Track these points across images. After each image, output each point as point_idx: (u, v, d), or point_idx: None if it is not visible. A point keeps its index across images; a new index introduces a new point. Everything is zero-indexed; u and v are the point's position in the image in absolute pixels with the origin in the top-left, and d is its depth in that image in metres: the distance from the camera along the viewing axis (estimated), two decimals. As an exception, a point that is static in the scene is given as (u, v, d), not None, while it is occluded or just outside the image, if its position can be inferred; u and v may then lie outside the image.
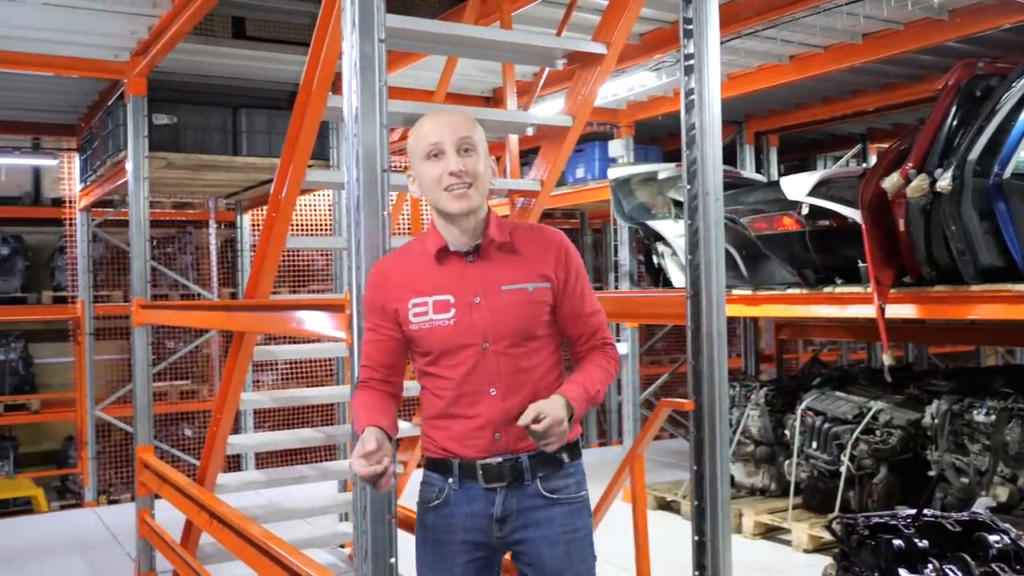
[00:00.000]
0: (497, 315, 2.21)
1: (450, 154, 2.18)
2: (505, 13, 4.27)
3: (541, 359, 2.26)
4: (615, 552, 5.08)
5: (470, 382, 2.22)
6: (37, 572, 5.80)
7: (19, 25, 5.00)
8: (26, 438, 9.61)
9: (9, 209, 9.43)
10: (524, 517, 2.26)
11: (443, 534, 2.29)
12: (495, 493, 2.25)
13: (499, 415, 2.22)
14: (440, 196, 2.19)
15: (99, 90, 6.65)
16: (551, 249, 2.28)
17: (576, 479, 2.33)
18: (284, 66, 6.07)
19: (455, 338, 2.21)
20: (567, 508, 2.29)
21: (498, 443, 2.23)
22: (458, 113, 2.29)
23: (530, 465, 2.25)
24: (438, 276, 2.24)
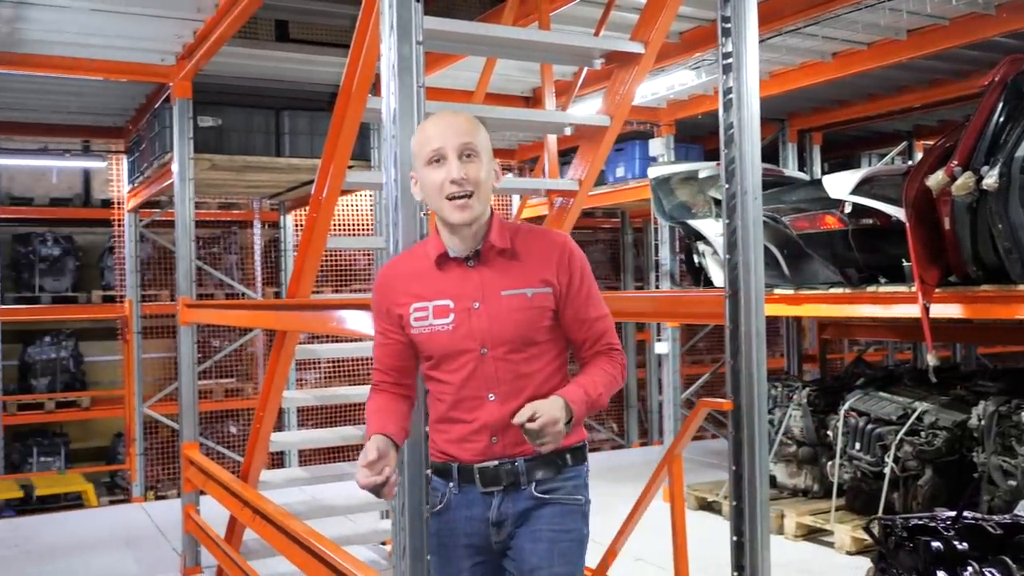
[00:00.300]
0: (496, 321, 2.19)
1: (452, 160, 2.14)
2: (543, 13, 4.28)
3: (541, 365, 2.23)
4: (654, 551, 5.09)
5: (469, 387, 2.21)
6: (87, 565, 5.92)
7: (69, 30, 5.12)
8: (76, 434, 9.82)
9: (60, 210, 9.65)
10: (518, 519, 2.25)
11: (447, 539, 2.30)
12: (492, 497, 2.24)
13: (496, 420, 2.20)
14: (442, 204, 2.17)
15: (146, 93, 6.78)
16: (553, 253, 2.24)
17: (575, 483, 2.29)
18: (326, 68, 6.14)
19: (454, 343, 2.20)
20: (557, 508, 2.25)
21: (495, 447, 2.22)
22: (462, 115, 2.23)
23: (526, 469, 2.23)
24: (439, 281, 2.23)
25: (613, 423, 11.15)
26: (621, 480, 7.89)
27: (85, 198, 9.81)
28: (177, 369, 5.96)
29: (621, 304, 4.45)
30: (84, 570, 5.81)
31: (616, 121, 3.67)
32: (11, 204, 9.45)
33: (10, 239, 9.51)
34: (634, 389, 10.98)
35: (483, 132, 2.23)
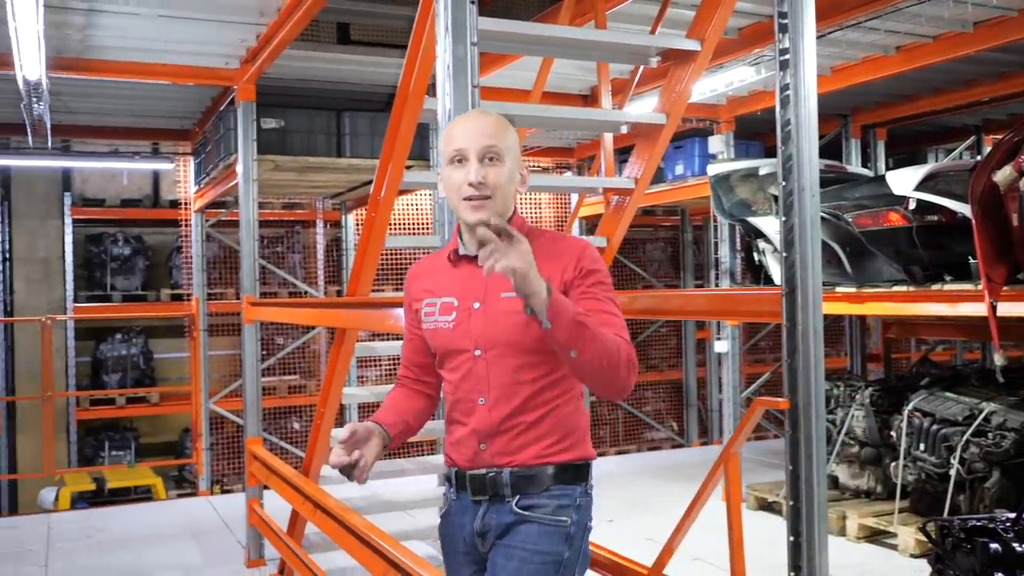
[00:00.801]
0: (491, 322, 2.14)
1: (472, 162, 2.11)
2: (600, 12, 4.28)
3: (535, 375, 2.13)
4: (712, 551, 5.06)
5: (463, 388, 2.18)
6: (156, 556, 6.09)
7: (137, 36, 5.27)
8: (146, 429, 10.07)
9: (130, 211, 9.91)
10: (500, 532, 2.18)
11: (449, 544, 2.29)
12: (479, 506, 2.20)
13: (485, 426, 2.15)
14: (459, 204, 2.14)
15: (212, 96, 6.94)
16: (564, 257, 2.14)
17: (560, 503, 2.16)
18: (386, 69, 6.22)
19: (452, 342, 2.18)
20: (535, 527, 2.14)
21: (482, 454, 2.17)
22: (490, 117, 2.19)
23: (511, 481, 2.15)
24: (450, 278, 2.22)
25: (673, 422, 11.08)
26: (679, 479, 7.86)
27: (154, 199, 10.06)
28: (242, 366, 6.09)
29: (680, 302, 4.43)
30: (154, 560, 5.97)
31: (672, 119, 3.66)
32: (84, 205, 9.72)
33: (83, 239, 9.79)
34: (694, 388, 10.91)
35: (510, 134, 2.19)
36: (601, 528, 5.95)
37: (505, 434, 2.14)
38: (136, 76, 5.80)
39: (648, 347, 11.11)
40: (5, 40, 4.84)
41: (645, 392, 10.99)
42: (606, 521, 6.58)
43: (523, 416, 2.13)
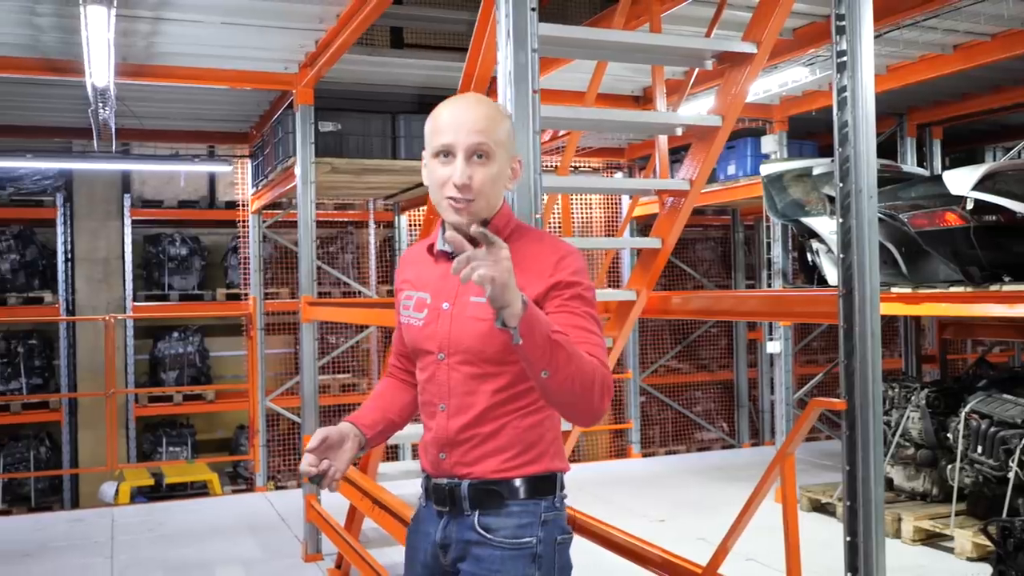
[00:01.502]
0: (457, 326, 2.02)
1: (459, 161, 1.96)
2: (655, 15, 4.31)
3: (495, 387, 2.00)
4: (766, 552, 5.06)
5: (427, 392, 2.09)
6: (216, 549, 6.23)
7: (200, 43, 5.41)
8: (202, 426, 10.27)
9: (187, 212, 10.11)
10: (461, 549, 2.07)
11: (411, 551, 2.21)
12: (441, 517, 2.11)
13: (443, 434, 2.05)
14: (441, 201, 2.03)
15: (270, 100, 7.08)
16: (540, 264, 1.99)
17: (520, 521, 2.04)
18: (440, 72, 6.30)
19: (420, 340, 2.09)
20: (498, 552, 2.02)
21: (443, 463, 2.07)
22: (481, 107, 2.02)
23: (469, 495, 2.04)
24: (428, 273, 2.13)
25: (723, 423, 11.04)
26: (731, 480, 7.84)
27: (210, 200, 10.26)
28: (297, 364, 6.21)
29: (733, 303, 4.45)
30: (213, 553, 6.11)
31: (728, 121, 3.67)
32: (143, 207, 9.94)
33: (142, 240, 10.00)
34: (745, 389, 10.86)
35: (503, 126, 2.03)
36: (652, 527, 6.01)
37: (463, 444, 2.03)
38: (198, 81, 5.95)
39: (698, 347, 11.07)
40: (76, 48, 5.01)
41: (695, 392, 10.96)
42: (657, 521, 6.60)
43: (480, 427, 2.02)
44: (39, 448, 9.38)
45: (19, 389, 9.36)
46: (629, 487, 7.93)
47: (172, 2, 4.71)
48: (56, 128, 8.10)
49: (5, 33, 5.10)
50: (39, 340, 9.60)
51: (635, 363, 9.91)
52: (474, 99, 2.07)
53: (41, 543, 6.43)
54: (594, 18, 5.32)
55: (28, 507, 8.92)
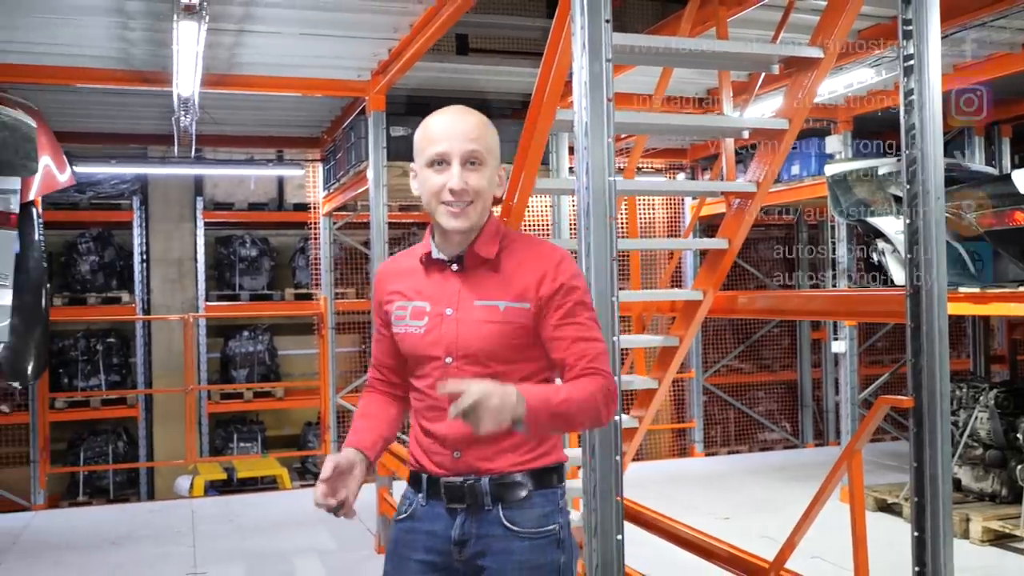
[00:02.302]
0: (465, 329, 2.10)
1: (455, 167, 2.06)
2: (721, 20, 4.39)
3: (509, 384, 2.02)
4: (831, 550, 5.10)
5: (433, 396, 2.11)
6: (290, 540, 6.45)
7: (279, 53, 5.62)
8: (271, 423, 10.53)
9: (257, 214, 10.37)
10: (482, 544, 2.12)
11: (404, 550, 2.21)
12: (456, 514, 2.14)
13: (458, 433, 2.08)
14: (437, 208, 2.09)
15: (341, 106, 7.30)
16: (539, 269, 2.10)
17: (543, 511, 2.14)
18: (505, 77, 6.45)
19: (422, 347, 2.14)
20: (528, 543, 2.11)
21: (458, 462, 2.13)
22: (471, 117, 2.12)
23: (490, 489, 2.11)
24: (422, 282, 2.18)
25: (786, 423, 11.01)
26: (794, 479, 7.86)
27: (279, 202, 10.50)
28: (364, 362, 6.38)
29: (798, 302, 4.52)
30: (290, 544, 6.33)
31: (794, 124, 3.75)
32: (215, 209, 10.21)
33: (213, 241, 10.28)
34: (809, 389, 10.82)
35: (492, 135, 2.14)
36: (717, 525, 6.07)
37: (478, 442, 2.07)
38: (276, 89, 6.17)
39: (761, 347, 11.06)
40: (163, 60, 5.26)
41: (757, 392, 10.95)
42: (722, 519, 6.66)
43: None
44: (117, 443, 9.71)
45: (98, 385, 9.70)
46: (692, 485, 7.99)
47: (255, 15, 4.92)
48: (133, 135, 8.41)
49: (99, 47, 5.37)
50: (117, 338, 9.93)
51: (698, 363, 9.95)
52: (463, 110, 2.16)
53: (126, 532, 6.73)
54: (659, 24, 5.40)
55: (107, 499, 9.25)
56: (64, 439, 9.35)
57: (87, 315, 9.60)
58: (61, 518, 7.62)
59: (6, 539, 6.34)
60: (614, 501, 2.82)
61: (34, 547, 6.43)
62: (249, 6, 4.77)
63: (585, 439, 2.89)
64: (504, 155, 6.15)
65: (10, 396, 8.90)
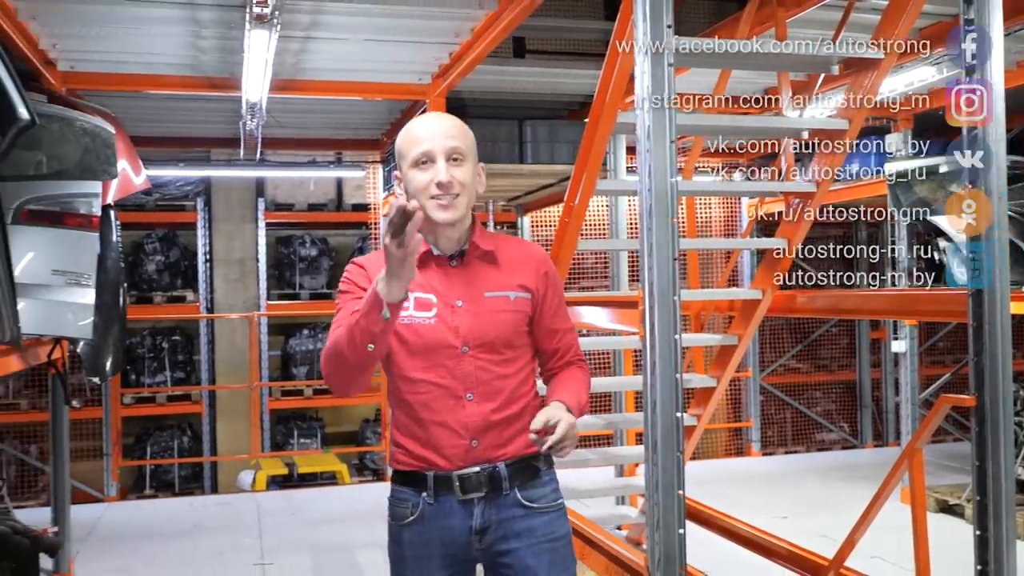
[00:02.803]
0: (479, 319, 2.21)
1: (439, 163, 2.17)
2: (780, 21, 4.41)
3: (515, 369, 2.25)
4: (891, 551, 5.09)
5: (447, 386, 2.20)
6: (352, 532, 6.57)
7: (342, 58, 5.76)
8: (330, 419, 10.70)
9: (316, 215, 10.56)
10: (504, 528, 2.23)
11: (421, 550, 2.24)
12: (472, 505, 2.21)
13: (476, 421, 2.19)
14: (427, 204, 2.17)
15: (401, 109, 7.43)
16: (531, 262, 2.30)
17: (552, 487, 2.31)
18: (563, 79, 6.53)
19: (434, 338, 2.20)
20: (547, 517, 2.26)
21: (475, 451, 2.20)
22: (449, 118, 2.27)
23: (508, 474, 2.22)
24: (420, 275, 2.19)
25: (845, 423, 10.92)
26: (852, 479, 7.82)
27: (338, 203, 10.68)
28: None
29: (858, 301, 4.52)
30: (352, 537, 6.47)
31: (854, 125, 3.77)
32: (275, 210, 10.43)
33: (274, 241, 10.48)
34: (868, 389, 10.71)
35: (470, 136, 2.26)
36: (776, 524, 6.08)
37: (495, 428, 2.19)
38: (339, 93, 6.32)
39: (818, 346, 10.97)
40: (233, 67, 5.44)
41: (815, 392, 10.87)
42: (780, 518, 6.65)
43: (509, 408, 2.21)
44: (182, 438, 9.97)
45: (164, 382, 9.96)
46: (749, 485, 7.98)
47: (322, 23, 5.06)
48: (197, 138, 8.65)
49: (172, 55, 5.57)
50: (182, 336, 10.19)
51: (755, 362, 9.92)
52: (439, 113, 2.35)
53: (195, 523, 6.95)
54: (717, 25, 5.43)
55: (172, 492, 9.51)
56: (132, 434, 9.63)
57: (153, 314, 9.87)
58: (133, 509, 7.89)
59: (82, 529, 6.58)
60: (676, 496, 2.88)
61: (109, 536, 6.67)
62: (316, 14, 4.92)
63: (647, 436, 2.96)
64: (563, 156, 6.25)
65: (80, 392, 9.20)
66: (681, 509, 2.90)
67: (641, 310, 2.97)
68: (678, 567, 2.89)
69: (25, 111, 3.07)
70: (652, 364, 2.93)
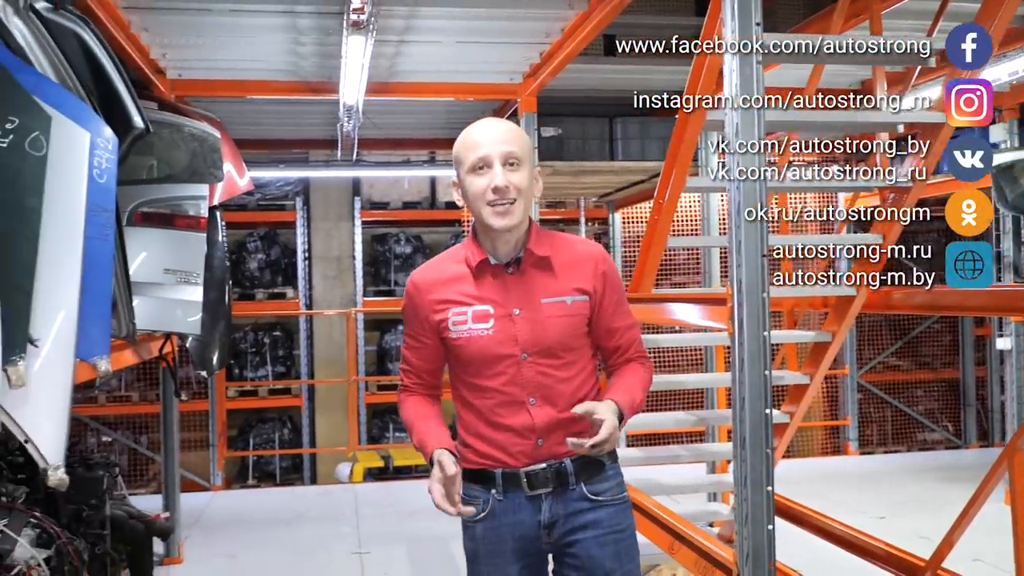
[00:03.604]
0: (536, 326, 2.26)
1: (496, 168, 2.20)
2: (875, 13, 4.33)
3: (576, 371, 2.30)
4: (993, 553, 4.97)
5: (510, 392, 2.26)
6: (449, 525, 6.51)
7: (435, 60, 5.89)
8: (414, 416, 10.92)
9: (411, 213, 10.76)
10: (572, 521, 2.29)
11: (494, 545, 2.31)
12: (540, 500, 2.28)
13: (540, 423, 2.26)
14: (484, 210, 2.22)
15: (493, 108, 7.53)
16: (589, 263, 2.32)
17: (616, 481, 2.35)
18: (653, 76, 6.52)
19: (493, 348, 2.25)
20: (612, 509, 2.32)
21: (540, 449, 2.27)
22: (504, 124, 2.30)
23: (574, 469, 2.28)
24: (477, 287, 2.28)
25: (948, 423, 10.61)
26: (955, 480, 7.59)
27: (431, 201, 10.86)
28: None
29: (958, 298, 4.42)
30: (446, 529, 6.49)
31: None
32: (371, 208, 10.67)
33: (370, 239, 10.72)
34: (972, 388, 10.38)
35: (526, 140, 2.29)
36: (873, 524, 5.99)
37: (560, 427, 2.25)
38: (433, 95, 6.47)
39: (920, 344, 10.68)
40: (330, 71, 5.61)
41: (916, 391, 10.59)
42: (877, 518, 6.53)
43: (571, 409, 2.24)
44: (282, 430, 10.29)
45: (265, 376, 10.30)
46: (846, 484, 7.84)
47: (416, 27, 5.19)
48: (296, 140, 8.92)
49: (272, 61, 5.79)
50: (282, 332, 10.51)
51: (852, 359, 9.73)
52: (495, 119, 2.35)
53: (297, 513, 7.20)
54: (811, 19, 5.35)
55: (273, 482, 9.84)
56: (235, 426, 10.00)
57: (255, 310, 10.21)
58: (237, 498, 8.20)
59: (190, 516, 6.88)
60: (765, 491, 2.90)
61: (215, 524, 6.96)
62: (410, 19, 5.05)
63: (736, 432, 2.98)
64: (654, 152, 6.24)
65: (187, 385, 9.60)
66: (770, 505, 2.91)
67: (730, 307, 2.99)
68: (766, 562, 2.90)
69: (140, 120, 3.25)
70: (741, 361, 2.95)
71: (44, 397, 2.17)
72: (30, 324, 2.10)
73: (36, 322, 2.13)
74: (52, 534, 3.30)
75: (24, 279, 2.10)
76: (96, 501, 3.97)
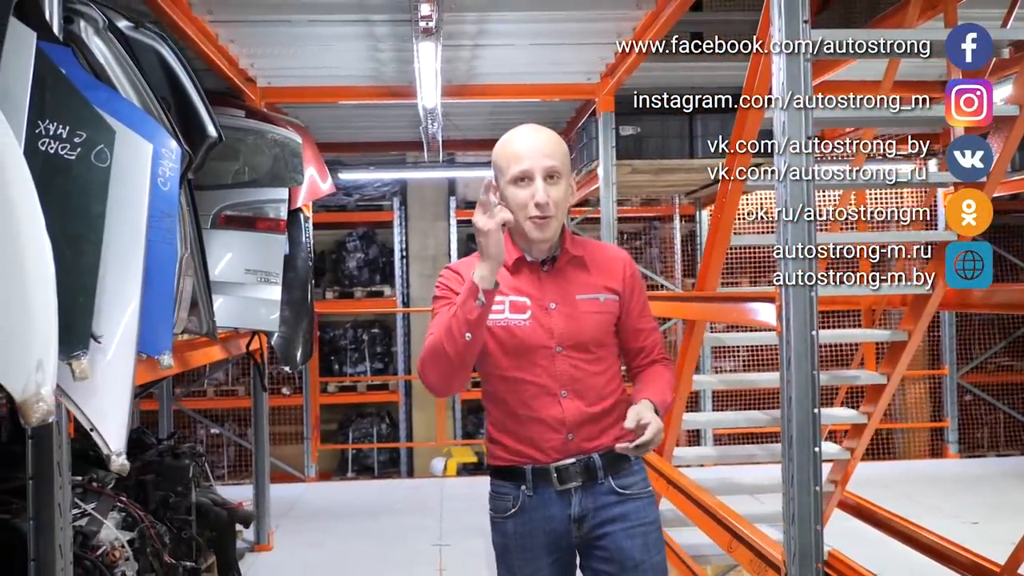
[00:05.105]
0: (572, 321, 2.34)
1: (538, 183, 2.27)
2: (950, 6, 4.22)
3: (605, 367, 2.38)
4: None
5: (542, 384, 2.32)
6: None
7: (511, 63, 6.00)
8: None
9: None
10: (601, 515, 2.36)
11: (525, 540, 2.38)
12: (570, 494, 2.35)
13: (571, 416, 2.32)
14: (524, 222, 2.30)
15: (575, 108, 7.60)
16: (617, 266, 2.43)
17: (642, 475, 2.43)
18: (733, 72, 6.45)
19: (529, 338, 2.33)
20: (639, 503, 2.39)
21: (570, 444, 2.33)
22: (547, 133, 2.36)
23: (602, 464, 2.35)
24: (514, 280, 2.36)
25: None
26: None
27: (494, 202, 10.97)
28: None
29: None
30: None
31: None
32: (466, 208, 10.84)
33: (464, 238, 10.89)
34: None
35: (564, 151, 2.36)
36: (964, 530, 5.84)
37: (590, 422, 2.33)
38: (511, 96, 6.57)
39: (1033, 343, 10.23)
40: (409, 76, 5.78)
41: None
42: (970, 523, 6.33)
43: (601, 404, 2.35)
44: (380, 425, 10.59)
45: (364, 372, 10.63)
46: (942, 487, 7.61)
47: (489, 31, 5.31)
48: (391, 142, 9.15)
49: (356, 67, 6.00)
50: (380, 329, 10.83)
51: (952, 359, 9.40)
52: (536, 128, 2.38)
53: (386, 505, 7.42)
54: (887, 12, 5.23)
55: (371, 476, 10.13)
56: (335, 420, 10.34)
57: (354, 308, 10.54)
58: (330, 490, 8.48)
59: (283, 505, 7.17)
60: (812, 491, 2.89)
61: (306, 514, 7.24)
62: (482, 23, 5.17)
63: (784, 432, 2.98)
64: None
65: (290, 380, 9.97)
66: (817, 505, 2.90)
67: (777, 306, 2.99)
68: (814, 563, 2.89)
69: (213, 129, 3.45)
70: (788, 360, 2.95)
71: (108, 389, 2.33)
72: (93, 321, 2.27)
73: (100, 319, 2.30)
74: (136, 518, 3.54)
75: (88, 280, 2.27)
76: (183, 488, 4.22)
